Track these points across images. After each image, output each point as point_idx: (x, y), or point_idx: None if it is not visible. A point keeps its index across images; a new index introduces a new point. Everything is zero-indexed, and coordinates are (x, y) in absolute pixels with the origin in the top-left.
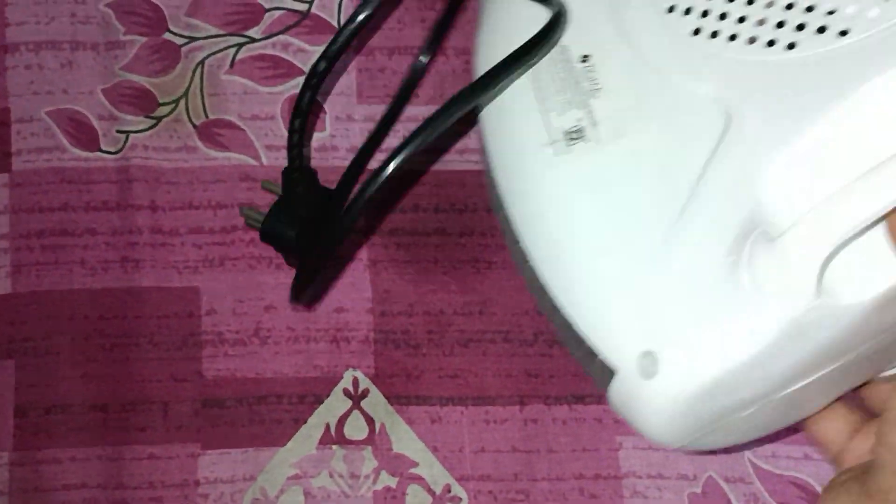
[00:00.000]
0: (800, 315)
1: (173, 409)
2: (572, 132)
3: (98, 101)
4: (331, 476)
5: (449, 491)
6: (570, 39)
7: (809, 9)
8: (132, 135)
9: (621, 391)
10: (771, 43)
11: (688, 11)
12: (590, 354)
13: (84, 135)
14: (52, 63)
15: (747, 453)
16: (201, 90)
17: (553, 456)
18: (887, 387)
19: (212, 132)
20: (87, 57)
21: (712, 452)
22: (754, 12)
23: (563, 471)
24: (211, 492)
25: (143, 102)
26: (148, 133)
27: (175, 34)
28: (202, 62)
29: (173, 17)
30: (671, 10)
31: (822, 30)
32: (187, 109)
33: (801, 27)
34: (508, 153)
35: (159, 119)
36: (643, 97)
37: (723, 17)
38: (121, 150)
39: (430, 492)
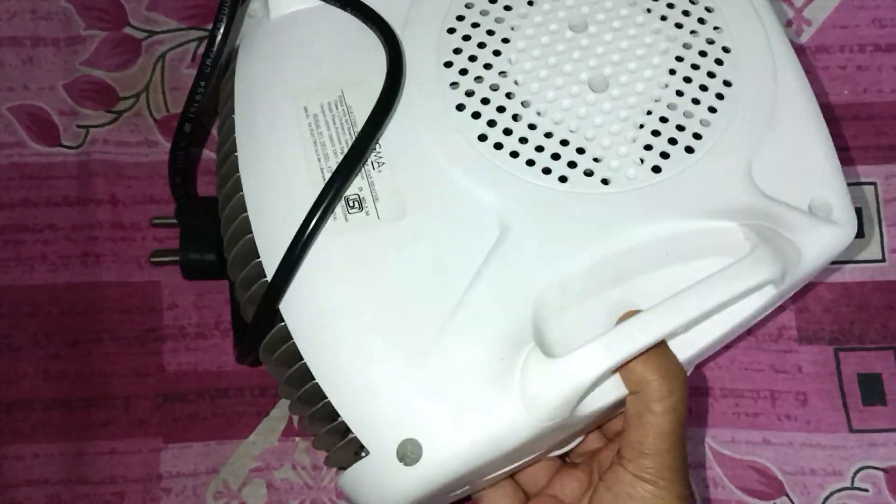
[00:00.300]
0: (553, 425)
1: (135, 404)
2: (352, 201)
3: (59, 97)
4: (293, 468)
5: None
6: (357, 103)
7: (580, 150)
8: (93, 129)
9: (367, 470)
10: (547, 171)
11: (476, 116)
12: (340, 432)
13: (45, 130)
14: (12, 59)
15: (707, 439)
16: (162, 84)
17: None
18: (542, 469)
19: (173, 126)
20: (48, 52)
21: None
22: (534, 138)
23: None
24: (174, 485)
25: (104, 97)
26: (108, 127)
27: (135, 28)
28: (163, 56)
29: (133, 11)
30: (460, 108)
31: (588, 173)
32: (148, 104)
33: (571, 165)
34: (274, 207)
35: (120, 113)
36: (426, 185)
37: (507, 132)
38: (81, 144)
39: None
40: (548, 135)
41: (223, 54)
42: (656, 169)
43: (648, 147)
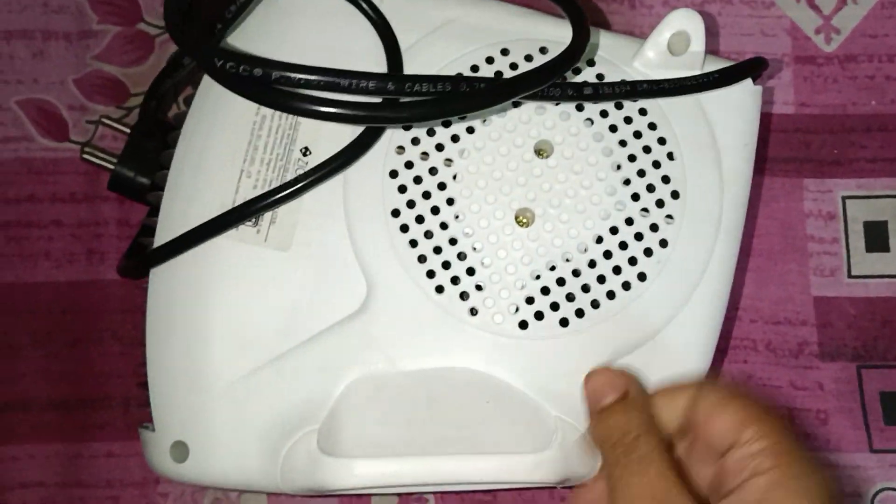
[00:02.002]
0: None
1: (134, 406)
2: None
3: (69, 91)
4: None
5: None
6: (307, 122)
7: (470, 271)
8: (102, 125)
9: (149, 440)
10: (431, 274)
11: (402, 190)
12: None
13: (53, 125)
14: (22, 52)
15: None
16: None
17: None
18: None
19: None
20: (59, 46)
21: None
22: (439, 237)
23: None
24: (171, 491)
25: (115, 93)
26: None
27: (149, 25)
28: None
29: (148, 7)
30: (393, 175)
31: (463, 296)
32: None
33: (455, 280)
34: (186, 185)
35: (130, 110)
36: (322, 232)
37: (419, 220)
38: (90, 140)
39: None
40: (452, 241)
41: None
42: (523, 325)
43: (530, 300)
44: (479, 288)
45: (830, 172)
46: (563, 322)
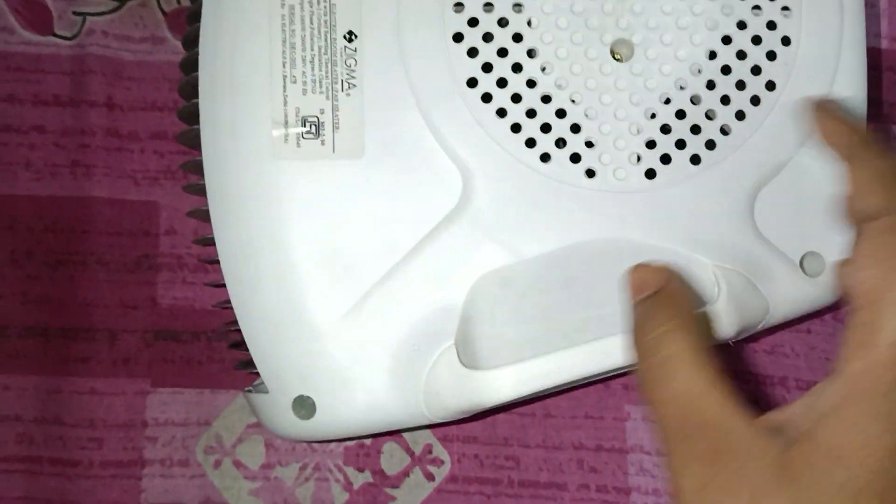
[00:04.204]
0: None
1: (121, 340)
2: (309, 123)
3: None
4: None
5: (430, 452)
6: (343, 1)
7: (575, 128)
8: (90, 18)
9: (264, 403)
10: (531, 143)
11: (472, 53)
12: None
13: (36, 15)
14: None
15: None
16: None
17: (550, 421)
18: None
19: (184, 22)
20: None
21: None
22: (529, 98)
23: (561, 439)
24: (160, 435)
25: None
26: (109, 17)
27: None
28: None
29: None
30: (457, 38)
31: (575, 158)
32: None
33: (560, 143)
34: (226, 114)
35: (123, 2)
36: (395, 124)
37: (501, 83)
38: (77, 35)
39: (409, 451)
40: (545, 98)
41: None
42: (650, 174)
43: (651, 144)
44: (589, 145)
45: None
46: (695, 159)
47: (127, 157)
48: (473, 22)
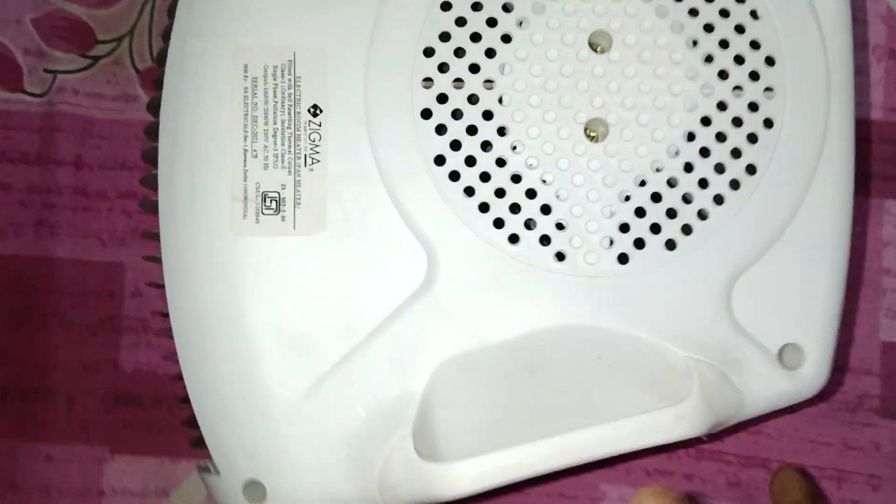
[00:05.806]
0: None
1: (80, 404)
2: (269, 199)
3: (26, 32)
4: None
5: None
6: (308, 75)
7: (545, 209)
8: (61, 75)
9: (217, 486)
10: (499, 223)
11: (441, 131)
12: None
13: (5, 71)
14: None
15: None
16: (150, 30)
17: (522, 500)
18: None
19: None
20: None
21: None
22: (498, 178)
23: None
24: None
25: (79, 38)
26: (81, 75)
27: None
28: None
29: None
30: (425, 115)
31: (545, 240)
32: (131, 51)
33: (529, 224)
34: (181, 182)
35: (96, 59)
36: (358, 200)
37: (470, 162)
38: (46, 92)
39: None
40: (515, 178)
41: None
42: (623, 258)
43: (625, 228)
44: (560, 227)
45: None
46: (670, 244)
47: (94, 217)
48: (443, 98)
